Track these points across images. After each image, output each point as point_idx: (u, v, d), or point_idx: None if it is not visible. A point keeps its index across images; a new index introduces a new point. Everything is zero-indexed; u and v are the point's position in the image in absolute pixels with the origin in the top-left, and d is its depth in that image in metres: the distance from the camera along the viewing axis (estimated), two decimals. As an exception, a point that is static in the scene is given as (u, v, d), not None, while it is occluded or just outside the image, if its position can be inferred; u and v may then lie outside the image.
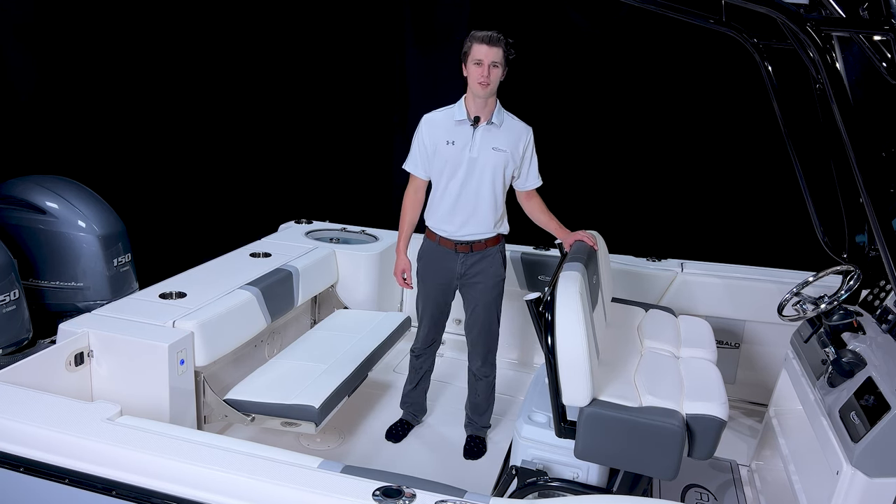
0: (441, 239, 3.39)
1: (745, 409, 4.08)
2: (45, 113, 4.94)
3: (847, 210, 3.13)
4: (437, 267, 3.43)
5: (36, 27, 4.79)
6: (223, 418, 3.17)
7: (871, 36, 2.49)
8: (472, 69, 3.15)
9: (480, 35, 3.12)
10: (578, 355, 2.52)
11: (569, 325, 2.54)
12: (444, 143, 3.29)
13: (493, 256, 3.38)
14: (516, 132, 3.28)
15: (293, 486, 2.01)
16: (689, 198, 5.43)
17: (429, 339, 3.65)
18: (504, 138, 3.26)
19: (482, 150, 3.24)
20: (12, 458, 2.25)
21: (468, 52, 3.16)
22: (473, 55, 3.13)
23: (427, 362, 3.72)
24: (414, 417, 3.83)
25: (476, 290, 3.42)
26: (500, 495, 3.01)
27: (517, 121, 3.32)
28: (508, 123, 3.29)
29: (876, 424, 2.21)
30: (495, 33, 3.14)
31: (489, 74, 3.11)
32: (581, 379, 2.53)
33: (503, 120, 3.27)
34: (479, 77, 3.12)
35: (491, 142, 3.25)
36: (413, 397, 3.80)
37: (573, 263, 2.89)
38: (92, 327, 2.99)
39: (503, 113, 3.30)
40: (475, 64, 3.13)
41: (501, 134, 3.26)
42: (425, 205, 3.45)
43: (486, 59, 3.10)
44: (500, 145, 3.25)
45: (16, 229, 3.85)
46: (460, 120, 3.27)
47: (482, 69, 3.11)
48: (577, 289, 2.62)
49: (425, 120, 3.38)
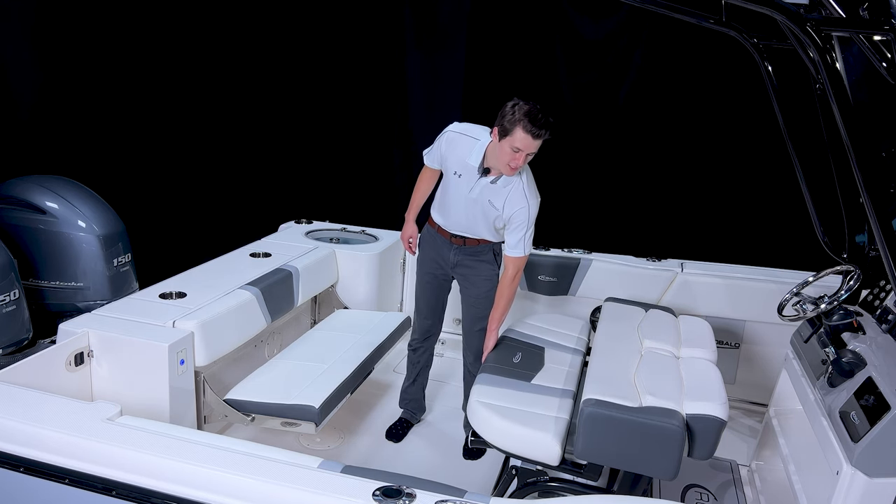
0: (439, 228, 3.45)
1: (745, 409, 4.08)
2: (46, 113, 4.93)
3: (847, 210, 3.13)
4: (434, 254, 3.50)
5: (36, 27, 4.78)
6: (223, 418, 3.17)
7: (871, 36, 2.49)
8: (506, 149, 2.96)
9: (532, 128, 2.88)
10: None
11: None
12: (452, 170, 3.27)
13: (487, 252, 3.41)
14: (513, 201, 3.14)
15: (293, 486, 2.01)
16: (689, 198, 5.43)
17: (424, 331, 3.66)
18: (501, 199, 3.16)
19: (480, 198, 3.22)
20: (12, 458, 2.25)
21: (510, 131, 2.92)
22: (516, 140, 2.92)
23: (424, 356, 3.73)
24: (413, 416, 3.83)
25: (469, 282, 3.45)
26: (500, 495, 3.02)
27: (522, 191, 3.14)
28: (514, 190, 3.14)
29: (876, 424, 2.21)
30: (546, 120, 2.91)
31: (522, 162, 3.00)
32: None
33: (510, 185, 3.15)
34: (511, 161, 2.98)
35: (489, 195, 3.19)
36: (411, 394, 3.80)
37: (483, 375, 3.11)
38: (92, 327, 2.99)
39: (516, 178, 3.14)
40: (514, 150, 2.94)
41: (501, 194, 3.16)
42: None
43: (528, 150, 2.95)
44: (495, 203, 3.18)
45: (16, 229, 3.85)
46: (472, 163, 3.19)
47: (519, 157, 2.95)
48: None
49: (451, 134, 3.27)
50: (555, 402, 2.96)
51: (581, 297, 4.31)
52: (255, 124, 6.24)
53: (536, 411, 2.87)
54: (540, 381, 3.13)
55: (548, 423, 2.79)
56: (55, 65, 4.95)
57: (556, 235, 4.66)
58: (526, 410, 2.87)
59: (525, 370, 3.19)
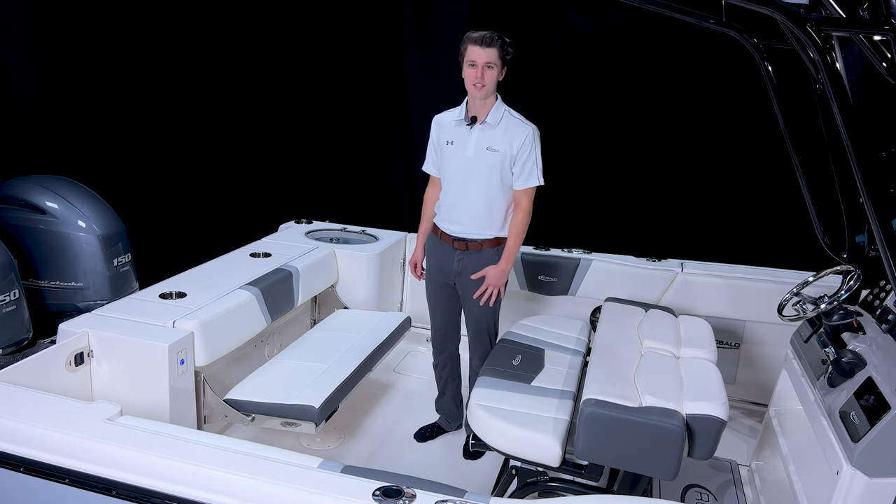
0: (442, 233, 3.43)
1: (745, 409, 4.08)
2: (46, 113, 4.94)
3: (847, 210, 3.13)
4: (437, 260, 3.49)
5: (36, 27, 4.78)
6: (223, 418, 3.17)
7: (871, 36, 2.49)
8: (467, 71, 3.15)
9: (475, 36, 3.11)
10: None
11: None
12: (445, 142, 3.33)
13: (489, 258, 3.36)
14: (513, 131, 3.22)
15: (293, 486, 2.01)
16: (689, 198, 5.43)
17: (438, 343, 3.65)
18: (500, 138, 3.22)
19: (477, 150, 3.24)
20: (12, 458, 2.25)
21: (463, 54, 3.15)
22: (468, 56, 3.13)
23: (445, 370, 3.71)
24: (447, 424, 3.80)
25: (471, 288, 3.40)
26: (500, 495, 3.01)
27: (518, 120, 3.26)
28: (507, 122, 3.23)
29: (876, 424, 2.20)
30: (490, 33, 3.11)
31: (483, 76, 3.10)
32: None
33: (500, 119, 3.23)
34: (474, 79, 3.12)
35: (486, 142, 3.23)
36: (441, 406, 3.80)
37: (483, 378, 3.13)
38: (92, 327, 2.99)
39: (503, 112, 3.25)
40: (469, 65, 3.13)
41: (498, 133, 3.22)
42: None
43: (480, 60, 3.09)
44: (494, 145, 3.21)
45: (16, 229, 3.85)
46: (459, 120, 3.29)
47: (476, 71, 3.10)
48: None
49: (434, 120, 3.45)
50: (554, 403, 2.96)
51: (581, 297, 4.31)
52: (256, 124, 6.24)
53: (536, 413, 2.87)
54: (540, 382, 3.13)
55: (548, 425, 2.79)
56: (55, 65, 4.95)
57: (556, 235, 4.66)
58: (526, 412, 2.87)
59: (525, 372, 3.19)
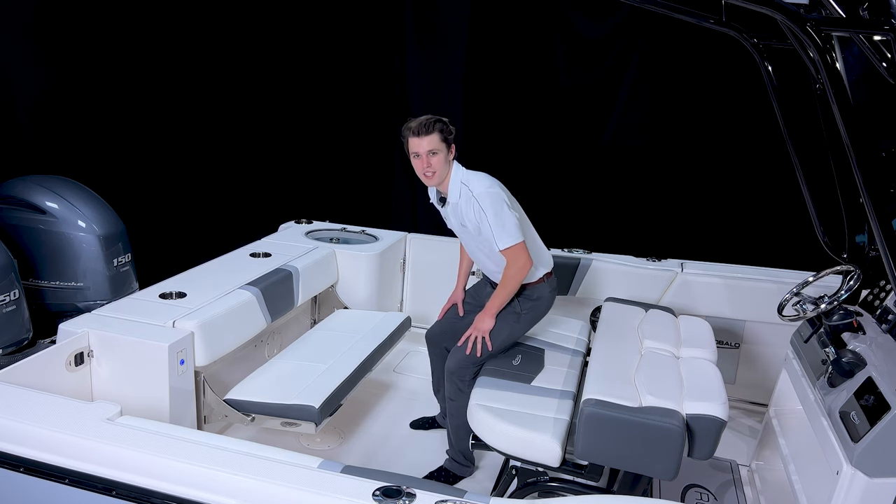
0: (484, 275, 3.52)
1: (745, 409, 4.08)
2: (46, 113, 4.93)
3: (847, 210, 3.13)
4: (475, 295, 3.58)
5: (37, 27, 4.79)
6: (223, 418, 3.17)
7: (871, 36, 2.49)
8: (413, 161, 3.14)
9: (412, 126, 3.08)
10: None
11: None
12: (444, 218, 3.42)
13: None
14: (466, 206, 3.15)
15: (293, 486, 2.01)
16: (689, 198, 5.43)
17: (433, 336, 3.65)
18: (463, 214, 3.20)
19: (457, 227, 3.32)
20: (12, 458, 2.25)
21: (406, 146, 3.12)
22: (410, 148, 3.11)
23: (436, 364, 3.68)
24: (443, 420, 3.73)
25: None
26: (500, 495, 3.01)
27: (468, 193, 3.14)
28: (464, 197, 3.16)
29: (876, 424, 2.21)
30: (426, 120, 3.07)
31: (430, 164, 3.08)
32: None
33: (459, 195, 3.18)
34: (421, 169, 3.12)
35: (459, 218, 3.25)
36: (439, 398, 3.78)
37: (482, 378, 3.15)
38: (92, 327, 2.99)
39: (458, 187, 3.18)
40: (414, 156, 3.12)
41: (461, 210, 3.20)
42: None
43: (422, 150, 3.07)
44: (464, 220, 3.22)
45: (16, 229, 3.85)
46: (436, 200, 3.36)
47: (422, 161, 3.09)
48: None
49: (429, 194, 3.47)
50: (554, 403, 2.96)
51: (581, 297, 4.31)
52: (255, 125, 6.24)
53: (536, 413, 2.87)
54: (540, 382, 3.14)
55: (548, 425, 2.79)
56: (55, 65, 4.95)
57: (556, 235, 4.65)
58: (526, 413, 2.87)
59: (525, 372, 3.19)
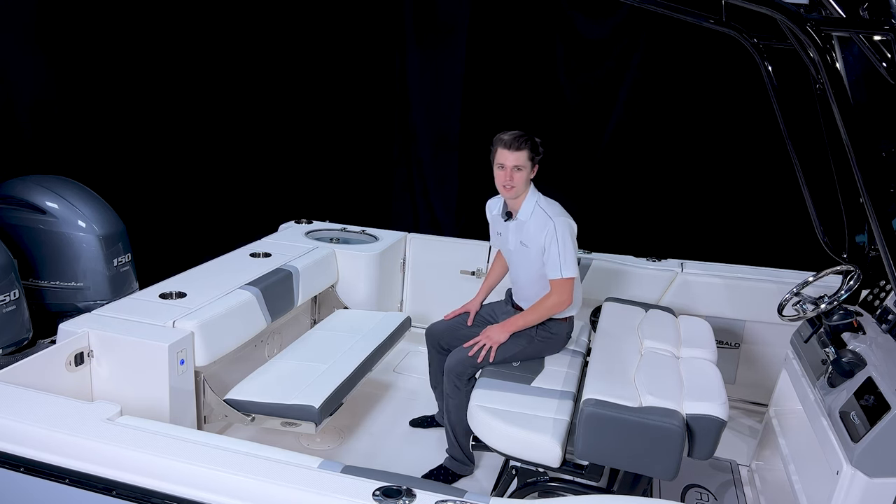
0: (514, 303, 3.52)
1: (745, 409, 4.08)
2: (46, 113, 4.93)
3: (847, 210, 3.13)
4: (492, 311, 3.58)
5: (37, 27, 4.79)
6: (223, 418, 3.17)
7: (871, 36, 2.49)
8: (496, 172, 3.18)
9: (505, 139, 3.12)
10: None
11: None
12: (496, 233, 3.47)
13: (536, 329, 3.31)
14: (538, 226, 3.19)
15: (293, 486, 2.01)
16: (689, 198, 5.43)
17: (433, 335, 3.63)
18: (531, 233, 3.22)
19: (515, 245, 3.32)
20: (12, 458, 2.25)
21: (493, 155, 3.17)
22: (497, 159, 3.15)
23: (434, 365, 3.68)
24: (441, 418, 3.73)
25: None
26: (500, 495, 3.01)
27: (544, 213, 3.20)
28: (537, 217, 3.21)
29: (876, 424, 2.21)
30: (519, 135, 3.11)
31: (512, 178, 3.12)
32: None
33: (531, 214, 3.23)
34: (503, 181, 3.16)
35: (520, 236, 3.28)
36: (437, 394, 3.76)
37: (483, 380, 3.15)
38: (92, 327, 2.99)
39: (533, 206, 3.24)
40: (499, 167, 3.16)
41: (529, 228, 3.23)
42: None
43: (508, 163, 3.12)
44: (526, 240, 3.25)
45: (16, 229, 3.85)
46: (499, 214, 3.39)
47: (505, 173, 3.13)
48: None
49: (486, 206, 3.55)
50: (554, 403, 2.96)
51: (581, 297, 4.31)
52: (255, 125, 6.24)
53: (536, 413, 2.87)
54: (540, 383, 3.14)
55: (548, 425, 2.79)
56: (55, 65, 4.95)
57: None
58: (526, 413, 2.87)
59: (525, 373, 3.19)
